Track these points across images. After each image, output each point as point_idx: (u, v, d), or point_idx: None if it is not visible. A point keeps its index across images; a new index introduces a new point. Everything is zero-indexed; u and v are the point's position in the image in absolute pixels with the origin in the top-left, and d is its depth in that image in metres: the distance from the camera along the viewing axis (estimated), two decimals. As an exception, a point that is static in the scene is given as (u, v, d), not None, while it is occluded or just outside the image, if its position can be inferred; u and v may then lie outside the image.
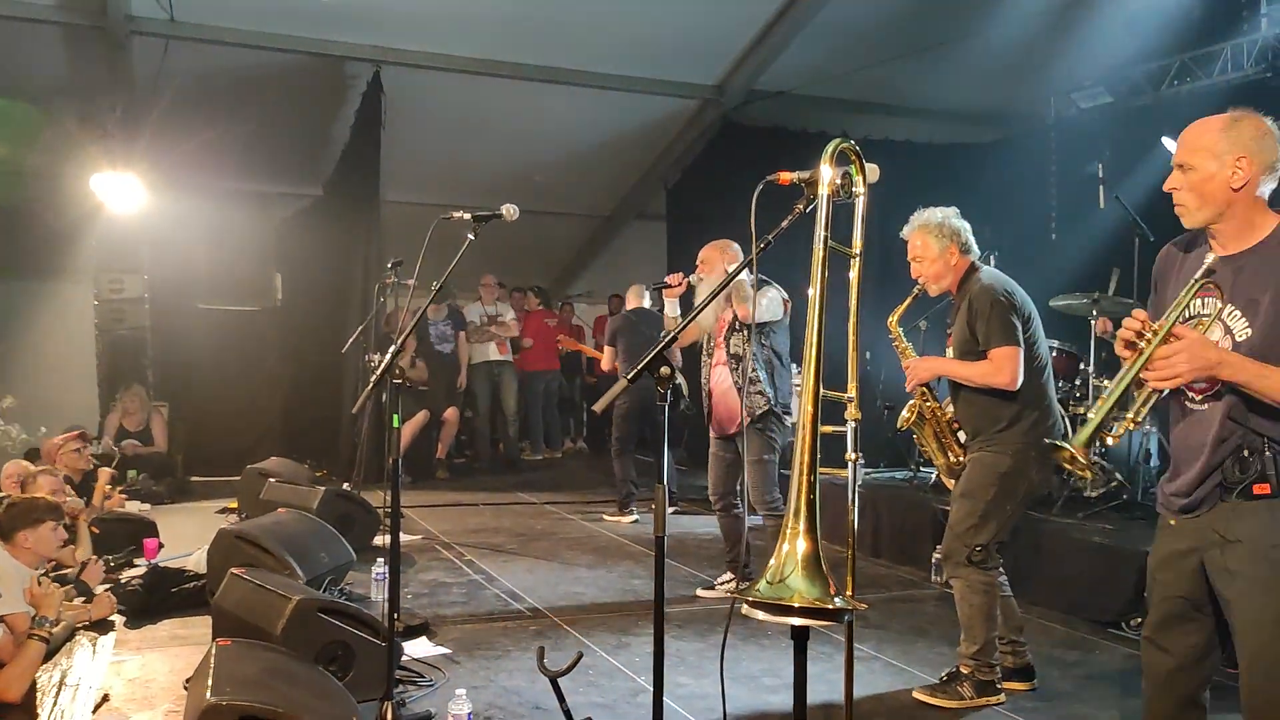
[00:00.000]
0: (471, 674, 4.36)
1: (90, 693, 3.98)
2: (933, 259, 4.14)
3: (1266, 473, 2.51)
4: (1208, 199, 2.59)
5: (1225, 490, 2.58)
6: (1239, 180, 2.54)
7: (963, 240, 4.14)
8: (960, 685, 4.09)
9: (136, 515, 6.89)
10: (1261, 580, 2.53)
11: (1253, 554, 2.54)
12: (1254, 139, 2.56)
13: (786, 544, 1.97)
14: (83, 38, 8.78)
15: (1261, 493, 2.52)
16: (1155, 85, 9.23)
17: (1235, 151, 2.55)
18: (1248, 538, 2.55)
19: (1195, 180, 2.60)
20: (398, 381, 3.68)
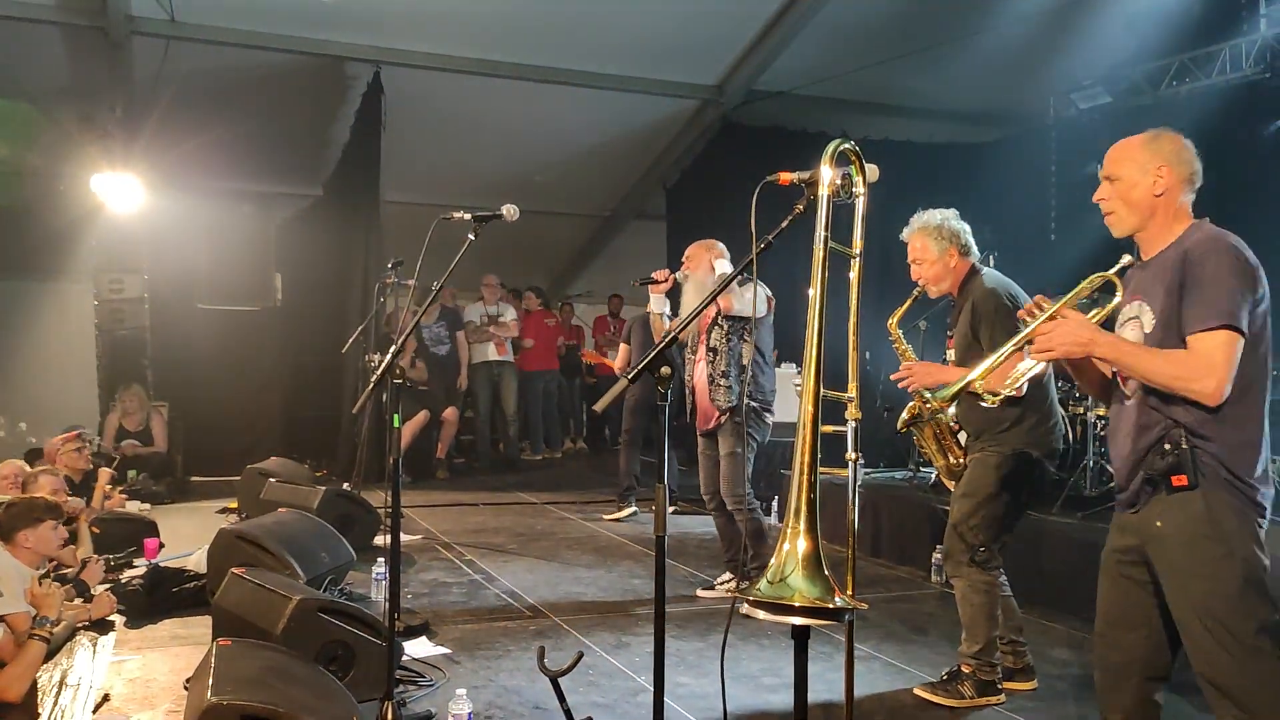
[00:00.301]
0: (472, 674, 4.36)
1: (91, 692, 3.98)
2: (932, 261, 4.15)
3: (1183, 464, 2.62)
4: (1133, 206, 2.80)
5: (1150, 483, 2.71)
6: (1160, 187, 2.76)
7: (962, 242, 4.15)
8: (961, 684, 4.09)
9: (137, 515, 6.89)
10: (1186, 572, 2.66)
11: (1177, 547, 2.67)
12: (1173, 151, 2.80)
13: (787, 543, 1.97)
14: (83, 38, 8.79)
15: (1179, 484, 2.64)
16: (1154, 85, 9.24)
17: (1156, 161, 2.77)
18: (1172, 531, 2.67)
19: (1122, 189, 2.82)
20: (398, 381, 3.68)
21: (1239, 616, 2.62)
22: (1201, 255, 2.65)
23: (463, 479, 10.01)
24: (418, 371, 9.63)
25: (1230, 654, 2.63)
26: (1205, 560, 2.64)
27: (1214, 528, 2.62)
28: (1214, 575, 2.63)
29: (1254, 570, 2.64)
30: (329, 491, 6.55)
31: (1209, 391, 2.55)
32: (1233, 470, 2.63)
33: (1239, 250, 2.64)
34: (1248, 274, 2.61)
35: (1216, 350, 2.56)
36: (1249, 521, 2.65)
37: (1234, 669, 2.64)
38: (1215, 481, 2.63)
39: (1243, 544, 2.64)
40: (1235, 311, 2.56)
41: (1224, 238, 2.69)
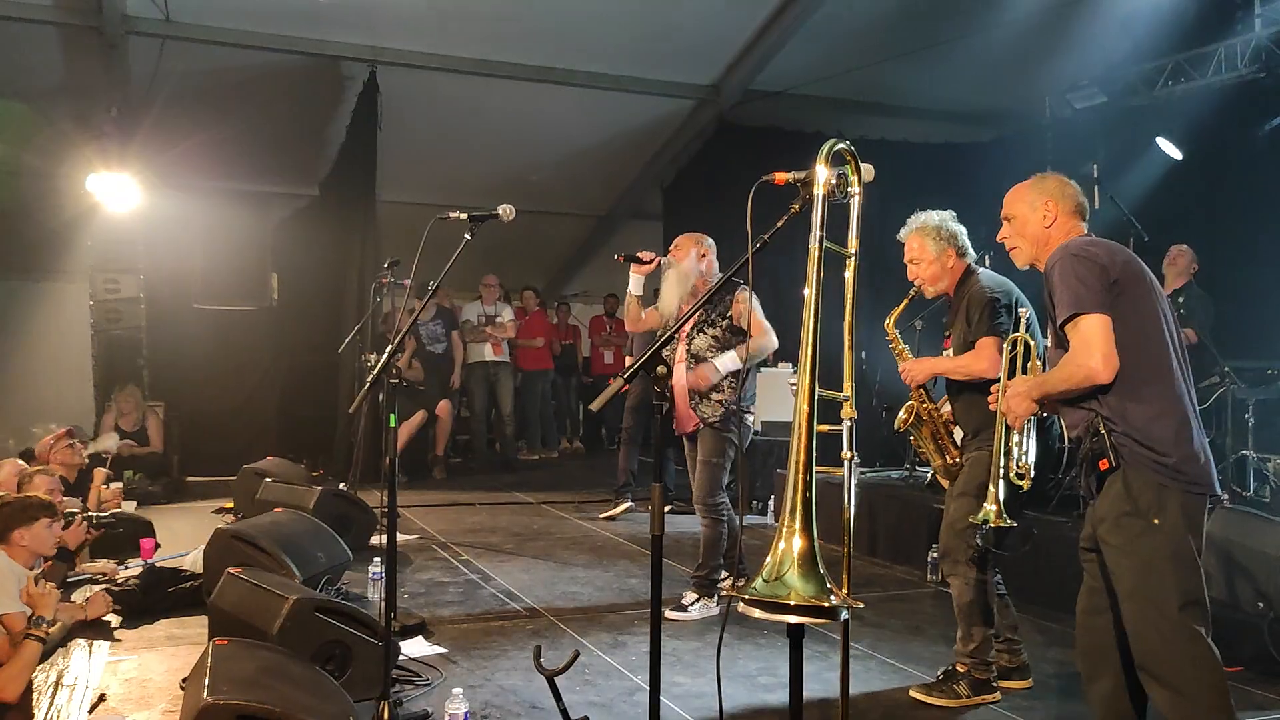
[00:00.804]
0: (468, 673, 4.36)
1: (87, 693, 3.98)
2: (930, 261, 4.17)
3: (1103, 449, 2.81)
4: (1028, 239, 3.19)
5: (1089, 473, 2.90)
6: (1049, 219, 3.14)
7: (959, 243, 4.18)
8: (957, 684, 4.10)
9: (132, 515, 6.89)
10: (1116, 550, 2.83)
11: (1109, 528, 2.84)
12: (1057, 187, 3.18)
13: (783, 542, 1.98)
14: (78, 38, 8.77)
15: (1104, 468, 2.83)
16: (1150, 86, 9.26)
17: (1043, 197, 3.16)
18: (1105, 513, 2.85)
19: (1018, 226, 3.22)
20: (394, 381, 3.68)
21: (1163, 591, 2.72)
22: (1049, 269, 2.95)
23: (459, 479, 10.00)
24: (414, 371, 9.62)
25: (1157, 630, 2.73)
26: (1129, 537, 2.77)
27: (1134, 504, 2.76)
28: (1136, 550, 2.76)
29: (1178, 544, 2.74)
30: (325, 491, 6.54)
31: (1096, 367, 2.76)
32: (1148, 445, 2.76)
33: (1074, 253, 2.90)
34: (1087, 268, 2.83)
35: (1081, 334, 2.80)
36: (1172, 495, 2.75)
37: (1160, 646, 2.72)
38: (1133, 459, 2.77)
39: (1164, 517, 2.74)
40: (1081, 299, 2.80)
41: (1066, 246, 2.96)
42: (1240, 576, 4.63)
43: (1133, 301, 2.87)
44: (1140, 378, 2.79)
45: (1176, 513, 2.74)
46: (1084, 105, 9.72)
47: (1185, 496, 2.76)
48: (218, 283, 10.36)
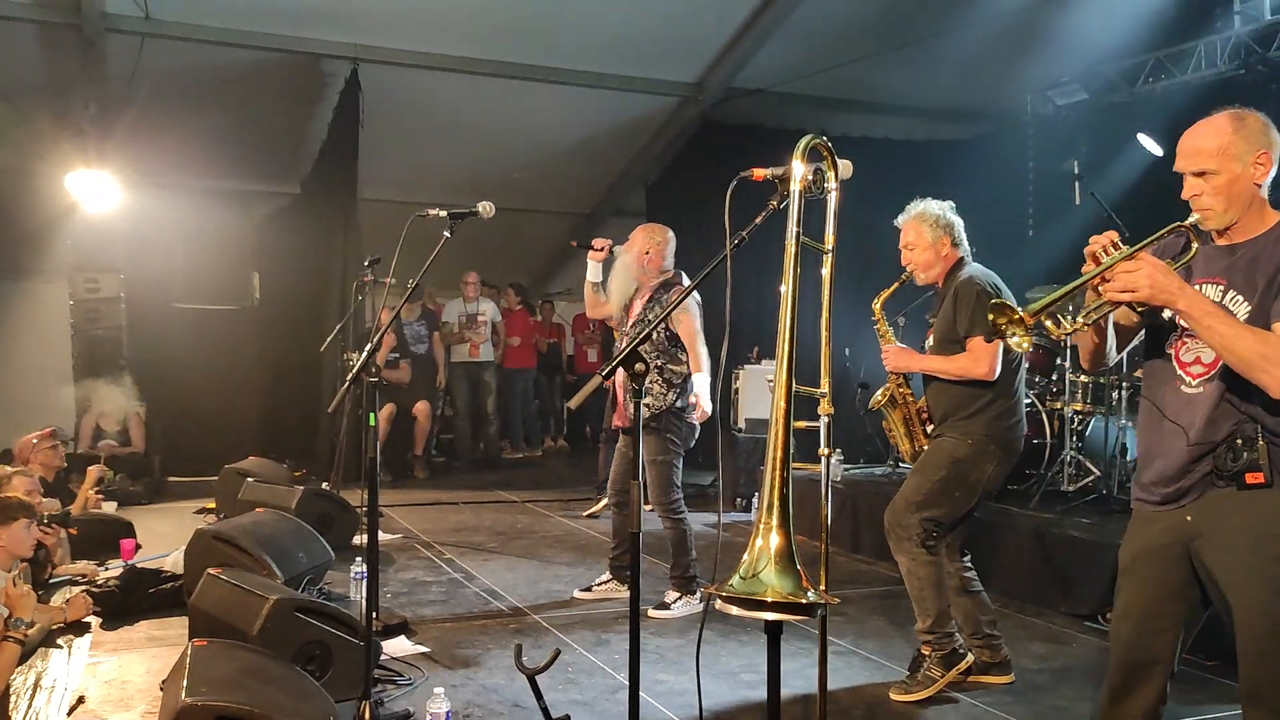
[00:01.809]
0: (450, 672, 4.35)
1: (66, 694, 3.95)
2: (925, 247, 4.21)
3: (1259, 462, 2.48)
4: (1235, 200, 2.60)
5: (1217, 477, 2.54)
6: (1262, 175, 2.59)
7: (955, 234, 4.23)
8: (928, 669, 4.12)
9: (113, 516, 6.84)
10: (1256, 571, 2.51)
11: (1247, 545, 2.51)
12: (1262, 133, 2.62)
13: (760, 539, 1.97)
14: (57, 35, 8.71)
15: (1255, 482, 2.49)
16: (1130, 82, 9.31)
17: (1254, 148, 2.59)
18: (1242, 528, 2.52)
19: (1222, 183, 2.60)
20: (374, 380, 3.67)
21: None
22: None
23: (442, 478, 9.99)
24: (401, 372, 9.60)
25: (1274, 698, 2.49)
26: (1272, 561, 2.50)
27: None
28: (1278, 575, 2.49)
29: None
30: (307, 491, 6.52)
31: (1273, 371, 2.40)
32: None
33: None
34: None
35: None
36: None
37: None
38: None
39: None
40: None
41: None
42: (1220, 570, 4.65)
43: None
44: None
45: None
46: (1065, 102, 9.77)
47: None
48: (199, 282, 10.31)
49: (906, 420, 4.34)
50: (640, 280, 5.42)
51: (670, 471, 5.29)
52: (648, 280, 5.40)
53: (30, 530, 4.59)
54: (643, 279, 5.42)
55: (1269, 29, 8.18)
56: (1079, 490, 6.53)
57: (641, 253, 5.41)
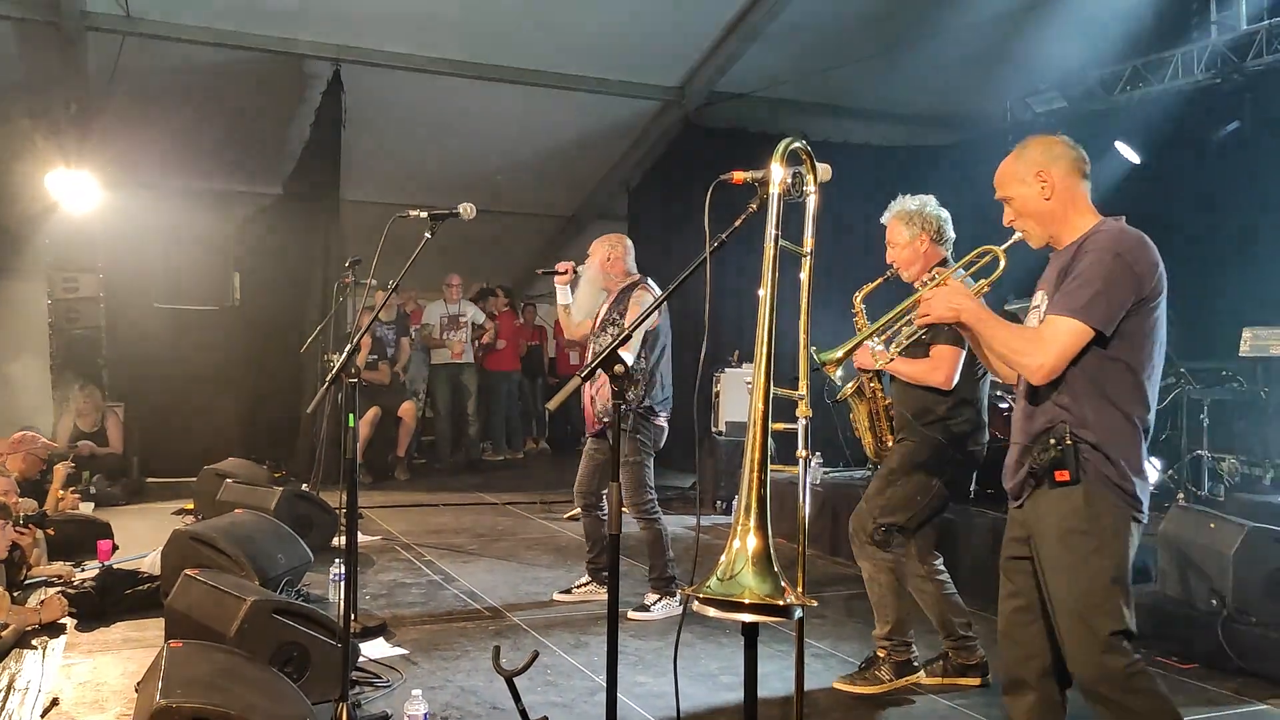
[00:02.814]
0: (429, 674, 4.34)
1: (40, 696, 3.93)
2: (903, 245, 4.21)
3: (1066, 459, 2.68)
4: (1036, 218, 2.88)
5: (1033, 476, 2.76)
6: (1048, 191, 2.83)
7: (935, 229, 4.21)
8: (878, 669, 4.15)
9: (90, 517, 6.80)
10: (1061, 562, 2.72)
11: (1057, 538, 2.73)
12: (1042, 152, 2.87)
13: (737, 540, 1.98)
14: (36, 33, 8.64)
15: (1061, 479, 2.70)
16: (1109, 90, 9.38)
17: (1032, 169, 2.85)
18: (1053, 522, 2.73)
19: (1018, 206, 2.90)
20: (353, 380, 3.66)
21: (1100, 614, 2.67)
22: (1087, 250, 2.73)
23: (423, 479, 9.97)
24: (381, 374, 9.58)
25: (1089, 652, 2.68)
26: (1076, 554, 2.69)
27: (1090, 523, 2.68)
28: (1082, 571, 2.69)
29: (1121, 571, 2.70)
30: (286, 492, 6.50)
31: (1033, 366, 2.69)
32: (1116, 468, 2.68)
33: (1124, 256, 2.69)
34: (1125, 279, 2.66)
35: (1058, 335, 2.66)
36: (1124, 519, 2.70)
37: (1092, 667, 2.69)
38: (1096, 477, 2.68)
39: (1115, 541, 2.69)
40: (1089, 308, 2.64)
41: (1118, 241, 2.73)
42: (1194, 574, 4.70)
43: (1146, 321, 2.72)
44: (1125, 398, 2.69)
45: (1127, 540, 2.70)
46: (1044, 109, 9.83)
47: (1135, 525, 2.72)
48: (179, 282, 10.25)
49: (872, 415, 4.32)
50: (608, 287, 5.48)
51: (642, 472, 5.29)
52: (614, 286, 5.45)
53: (5, 531, 4.56)
54: (609, 285, 5.48)
55: (1245, 39, 8.26)
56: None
57: (603, 260, 5.46)
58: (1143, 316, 2.70)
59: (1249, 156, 8.27)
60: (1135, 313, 2.68)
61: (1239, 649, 4.37)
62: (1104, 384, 2.69)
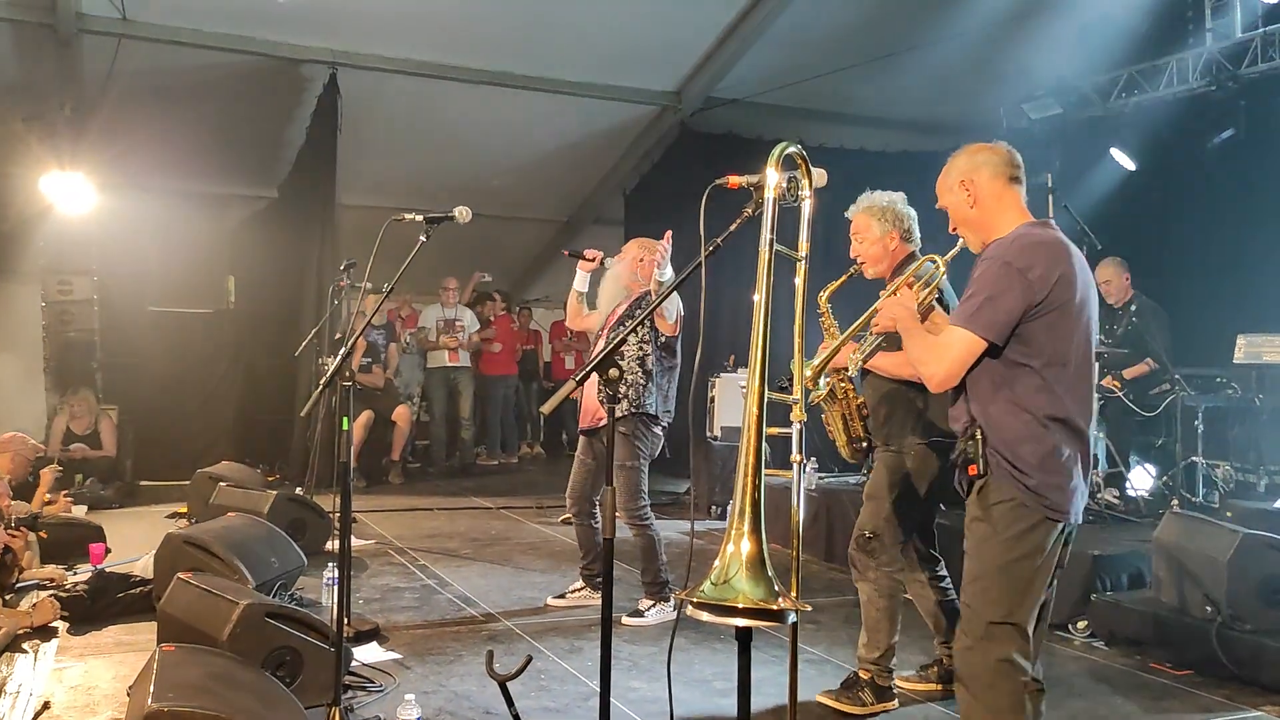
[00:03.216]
0: (422, 679, 4.33)
1: (31, 700, 3.91)
2: (873, 240, 4.11)
3: (975, 455, 2.79)
4: (966, 225, 2.99)
5: (960, 470, 2.87)
6: (970, 200, 2.93)
7: (905, 227, 4.12)
8: (861, 691, 4.09)
9: (83, 520, 6.78)
10: (968, 551, 2.87)
11: (968, 528, 2.87)
12: (966, 162, 2.98)
13: (731, 545, 1.98)
14: (31, 35, 8.63)
15: (972, 474, 2.81)
16: (1104, 97, 9.41)
17: (957, 180, 2.96)
18: (969, 514, 2.87)
19: (954, 216, 3.01)
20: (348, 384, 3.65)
21: (984, 602, 2.76)
22: (983, 259, 2.82)
23: (417, 483, 9.95)
24: (375, 376, 9.57)
25: (970, 635, 2.78)
26: (975, 541, 2.81)
27: (986, 512, 2.77)
28: (976, 556, 2.80)
29: (1014, 562, 2.75)
30: (280, 496, 6.48)
31: (929, 375, 2.79)
32: (1013, 463, 2.75)
33: (1014, 263, 2.73)
34: (1014, 287, 2.71)
35: (951, 346, 2.76)
36: (1024, 514, 2.75)
37: (963, 651, 2.79)
38: (998, 471, 2.76)
39: (1008, 531, 2.75)
40: (975, 318, 2.71)
41: (1009, 249, 2.78)
42: (1188, 581, 4.70)
43: (1049, 326, 2.76)
44: (1031, 400, 2.75)
45: (1026, 532, 2.75)
46: (1039, 116, 9.85)
47: (1044, 520, 2.76)
48: (173, 285, 10.26)
49: (845, 416, 4.21)
50: (631, 288, 5.38)
51: (638, 478, 5.26)
52: (637, 289, 5.37)
53: (-4, 533, 4.54)
54: (633, 286, 5.38)
55: (1240, 46, 8.29)
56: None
57: (635, 259, 5.37)
58: (1047, 321, 2.73)
59: (1243, 164, 8.29)
60: (1035, 318, 2.72)
61: (1233, 656, 4.36)
62: (1009, 387, 2.76)
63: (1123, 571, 5.29)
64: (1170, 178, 8.85)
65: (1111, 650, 4.91)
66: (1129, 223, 8.49)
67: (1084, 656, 4.85)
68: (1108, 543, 5.56)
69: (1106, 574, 5.22)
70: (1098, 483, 6.72)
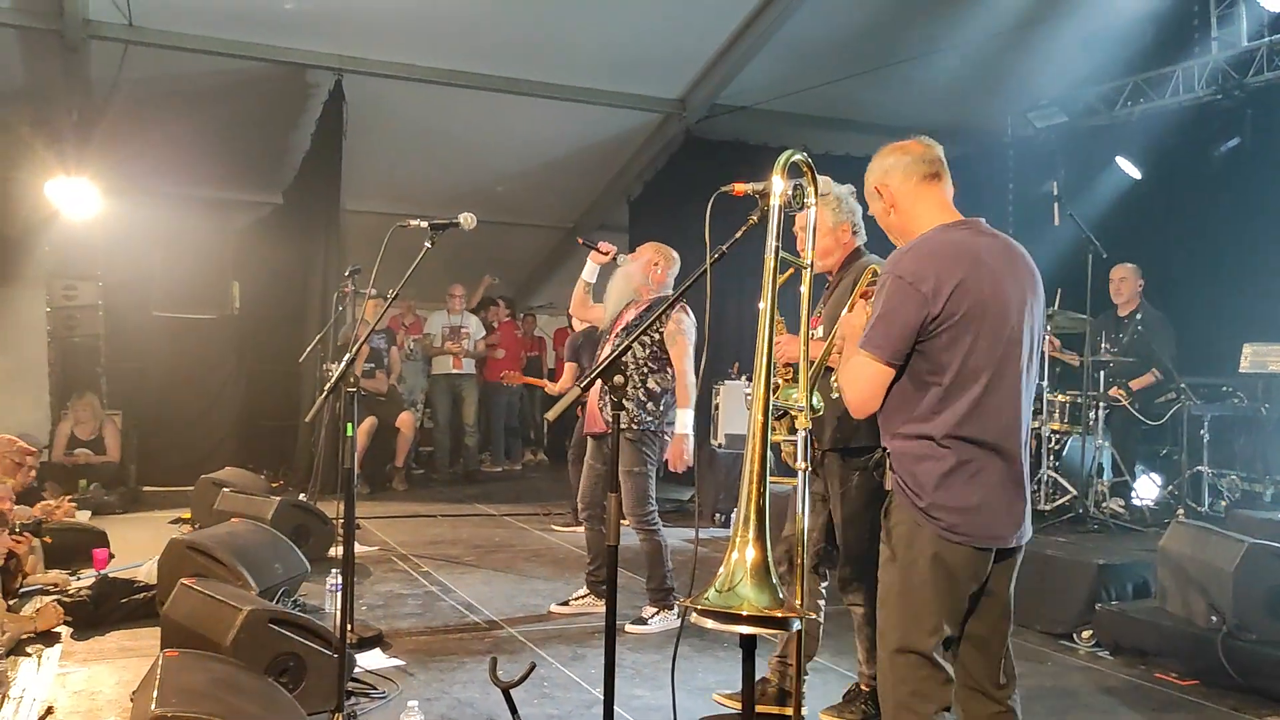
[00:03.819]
0: (425, 686, 4.32)
1: (34, 705, 3.90)
2: (825, 232, 3.89)
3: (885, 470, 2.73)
4: (890, 232, 2.86)
5: None
6: (884, 207, 2.80)
7: (856, 221, 3.95)
8: (864, 704, 4.04)
9: (87, 525, 6.78)
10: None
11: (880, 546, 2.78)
12: (878, 167, 2.82)
13: (736, 552, 1.97)
14: (38, 42, 8.66)
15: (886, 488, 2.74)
16: (1109, 106, 9.41)
17: (872, 183, 2.82)
18: None
19: (880, 224, 2.90)
20: (352, 390, 3.65)
21: (886, 625, 2.66)
22: (884, 271, 2.67)
23: (421, 490, 9.95)
24: (378, 382, 9.57)
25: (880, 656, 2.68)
26: (881, 562, 2.71)
27: (888, 532, 2.68)
28: (881, 578, 2.70)
29: (912, 586, 2.62)
30: (284, 502, 6.48)
31: (847, 400, 2.66)
32: (907, 483, 2.62)
33: (904, 277, 2.58)
34: (907, 301, 2.55)
35: (857, 374, 2.62)
36: (921, 533, 2.61)
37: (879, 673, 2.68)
38: (899, 489, 2.65)
39: (906, 552, 2.63)
40: (870, 338, 2.58)
41: (904, 258, 2.65)
42: (1194, 591, 4.68)
43: (952, 340, 2.57)
44: (919, 417, 2.61)
45: (921, 555, 2.61)
46: (1045, 124, 9.86)
47: (938, 542, 2.59)
48: (178, 290, 10.26)
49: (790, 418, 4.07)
50: (640, 292, 5.36)
51: (645, 483, 5.25)
52: (646, 293, 5.34)
53: (1, 538, 4.54)
54: (643, 291, 5.35)
55: (1246, 55, 8.29)
56: (1055, 509, 6.56)
57: (648, 263, 5.35)
58: (950, 335, 2.57)
59: (1249, 172, 8.29)
60: (934, 333, 2.56)
61: (1239, 666, 4.34)
62: (912, 405, 2.61)
63: (1128, 581, 5.28)
64: (1176, 186, 8.84)
65: (1116, 660, 4.89)
66: (1134, 231, 8.48)
67: (1089, 667, 4.83)
68: (1113, 552, 5.55)
69: (1111, 583, 5.21)
70: (1103, 491, 6.71)
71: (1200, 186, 8.67)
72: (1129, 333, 7.23)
